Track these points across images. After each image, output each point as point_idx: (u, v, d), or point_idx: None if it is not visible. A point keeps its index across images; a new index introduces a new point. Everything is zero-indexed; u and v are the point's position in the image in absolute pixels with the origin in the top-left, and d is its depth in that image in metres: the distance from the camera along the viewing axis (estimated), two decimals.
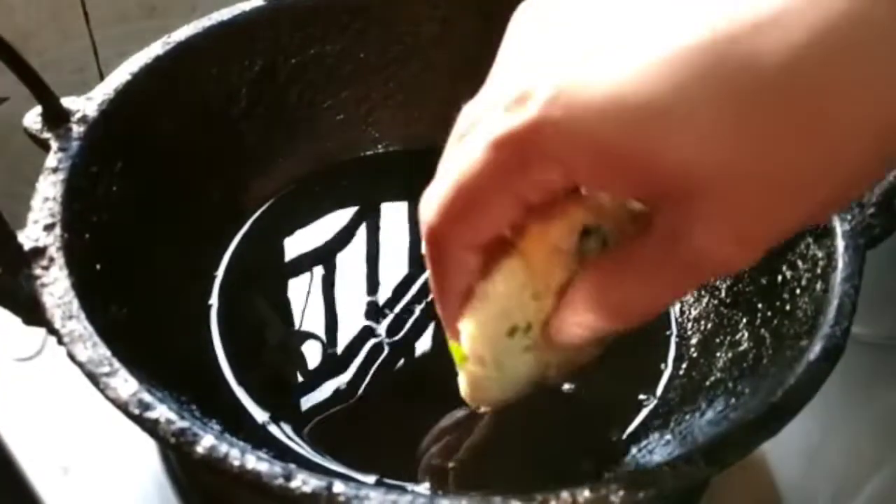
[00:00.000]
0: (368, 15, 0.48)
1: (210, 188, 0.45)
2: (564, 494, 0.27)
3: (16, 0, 0.55)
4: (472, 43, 0.49)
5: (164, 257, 0.41)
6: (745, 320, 0.40)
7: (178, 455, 0.29)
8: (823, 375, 0.31)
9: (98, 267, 0.36)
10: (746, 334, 0.39)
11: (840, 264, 0.35)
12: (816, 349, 0.32)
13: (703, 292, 0.43)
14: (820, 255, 0.36)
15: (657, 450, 0.36)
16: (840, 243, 0.36)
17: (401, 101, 0.51)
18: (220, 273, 0.44)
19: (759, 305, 0.39)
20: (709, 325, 0.42)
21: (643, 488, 0.27)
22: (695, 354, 0.41)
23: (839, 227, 0.36)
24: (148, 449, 0.42)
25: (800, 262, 0.38)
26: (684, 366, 0.41)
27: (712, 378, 0.38)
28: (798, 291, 0.37)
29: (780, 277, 0.39)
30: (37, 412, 0.44)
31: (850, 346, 0.38)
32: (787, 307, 0.37)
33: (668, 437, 0.37)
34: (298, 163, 0.49)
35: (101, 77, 0.41)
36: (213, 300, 0.43)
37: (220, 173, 0.46)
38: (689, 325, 0.43)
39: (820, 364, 0.31)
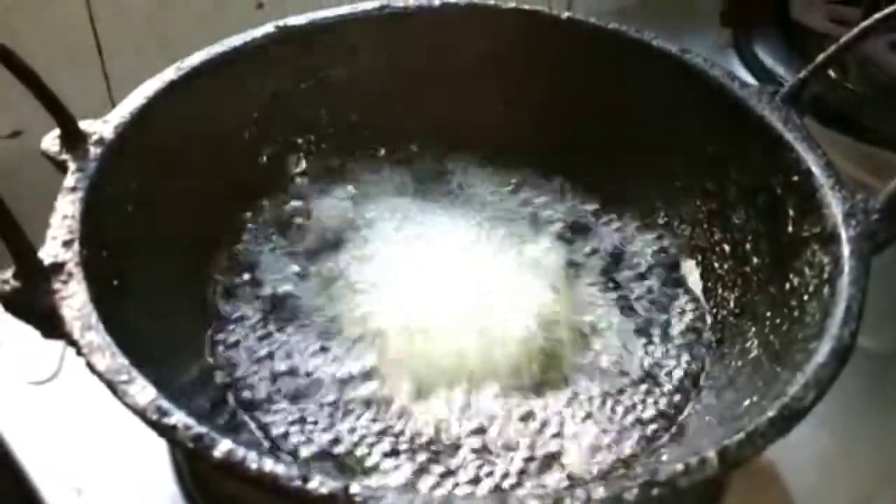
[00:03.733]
0: (375, 41, 0.49)
1: (224, 208, 0.46)
2: (579, 492, 0.27)
3: (28, 32, 0.56)
4: (477, 65, 0.51)
5: (181, 273, 0.41)
6: (753, 329, 0.40)
7: (195, 459, 0.29)
8: (833, 375, 0.32)
9: (115, 283, 0.36)
10: (756, 342, 0.39)
11: (846, 268, 0.35)
12: (825, 350, 0.32)
13: (712, 305, 0.44)
14: (826, 260, 0.37)
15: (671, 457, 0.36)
16: (846, 248, 0.36)
17: (407, 124, 0.52)
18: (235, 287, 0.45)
19: (768, 314, 0.39)
20: (719, 336, 0.42)
21: (656, 486, 0.28)
22: (706, 364, 0.41)
23: (844, 233, 0.37)
24: (162, 470, 0.43)
25: (807, 270, 0.38)
26: (697, 374, 0.41)
27: (724, 385, 0.39)
28: (806, 297, 0.37)
29: (787, 285, 0.39)
30: (51, 434, 0.44)
31: (862, 358, 0.38)
32: (796, 313, 0.37)
33: (682, 445, 0.37)
34: (306, 181, 0.50)
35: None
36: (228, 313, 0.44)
37: (234, 194, 0.46)
38: (701, 336, 0.43)
39: (829, 364, 0.32)
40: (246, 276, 0.45)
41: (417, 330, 0.42)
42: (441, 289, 0.44)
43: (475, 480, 0.37)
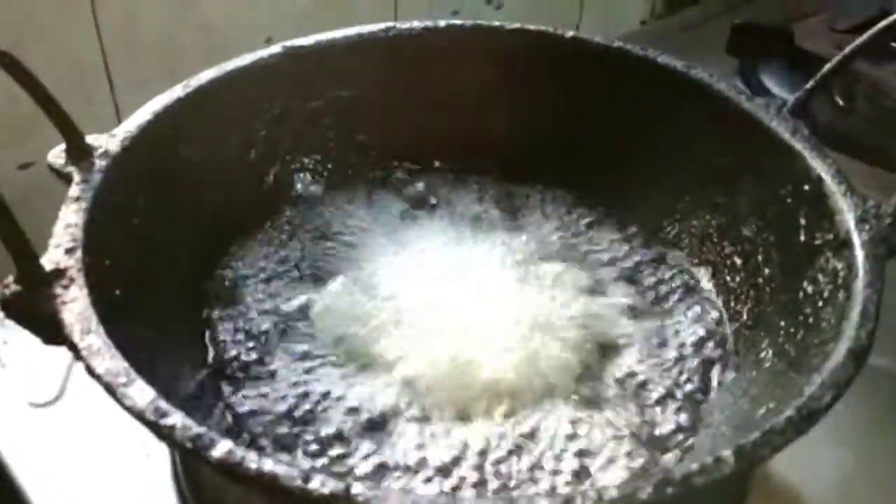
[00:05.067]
0: (381, 62, 0.50)
1: (230, 226, 0.46)
2: (591, 492, 0.26)
3: (40, 64, 0.56)
4: (484, 86, 0.51)
5: (183, 288, 0.41)
6: (767, 339, 0.39)
7: (194, 459, 0.28)
8: (850, 376, 0.31)
9: (117, 293, 0.36)
10: (771, 352, 0.38)
11: (861, 272, 0.35)
12: (842, 350, 0.31)
13: (725, 318, 0.43)
14: (840, 266, 0.36)
15: None
16: (859, 253, 0.36)
17: (414, 145, 0.52)
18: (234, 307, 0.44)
19: (782, 323, 0.39)
20: (732, 348, 0.41)
21: (671, 485, 0.27)
22: (719, 376, 0.41)
23: (857, 239, 0.36)
24: (164, 493, 0.42)
25: (820, 276, 0.37)
26: (710, 387, 0.40)
27: (738, 395, 0.38)
28: (821, 304, 0.37)
29: (801, 294, 0.38)
30: (53, 456, 0.43)
31: (883, 379, 0.38)
32: (811, 320, 0.37)
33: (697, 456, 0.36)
34: (314, 201, 0.50)
35: None
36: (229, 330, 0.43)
37: (240, 212, 0.46)
38: (714, 349, 0.42)
39: (845, 364, 0.31)
40: (249, 296, 0.45)
41: (433, 349, 0.41)
42: (452, 305, 0.43)
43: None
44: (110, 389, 0.30)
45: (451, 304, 0.44)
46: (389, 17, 0.69)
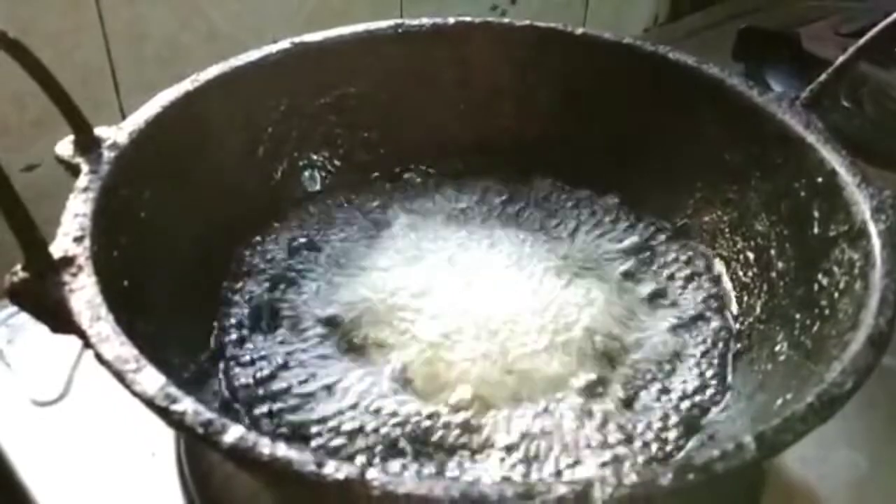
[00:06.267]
0: (390, 59, 0.49)
1: (238, 222, 0.45)
2: (610, 477, 0.26)
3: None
4: (493, 83, 0.51)
5: (192, 284, 0.41)
6: (782, 333, 0.39)
7: (205, 445, 0.27)
8: (870, 363, 0.30)
9: (126, 284, 0.35)
10: (786, 344, 0.38)
11: (878, 261, 0.34)
12: (861, 338, 0.31)
13: (738, 313, 0.43)
14: (856, 256, 0.36)
15: None
16: (876, 242, 0.35)
17: (422, 142, 0.51)
18: (241, 304, 0.44)
19: (797, 316, 0.38)
20: (747, 343, 0.41)
21: (692, 470, 0.26)
22: (734, 371, 0.40)
23: (874, 228, 0.36)
24: (169, 492, 0.41)
25: (836, 268, 0.37)
26: (725, 382, 0.40)
27: (753, 390, 0.37)
28: (837, 295, 0.36)
29: (816, 286, 0.38)
30: (57, 455, 0.43)
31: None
32: (827, 312, 0.36)
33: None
34: (322, 198, 0.50)
35: None
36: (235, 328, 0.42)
37: (246, 207, 0.46)
38: (728, 345, 0.42)
39: (865, 352, 0.31)
40: (257, 291, 0.44)
41: (445, 345, 0.41)
42: (470, 303, 0.43)
43: None
44: (120, 376, 0.29)
45: (469, 302, 0.43)
46: None
